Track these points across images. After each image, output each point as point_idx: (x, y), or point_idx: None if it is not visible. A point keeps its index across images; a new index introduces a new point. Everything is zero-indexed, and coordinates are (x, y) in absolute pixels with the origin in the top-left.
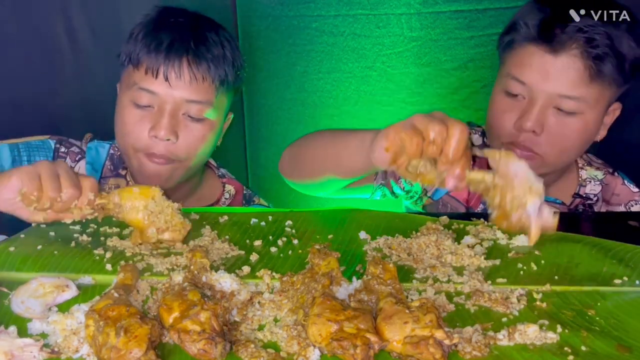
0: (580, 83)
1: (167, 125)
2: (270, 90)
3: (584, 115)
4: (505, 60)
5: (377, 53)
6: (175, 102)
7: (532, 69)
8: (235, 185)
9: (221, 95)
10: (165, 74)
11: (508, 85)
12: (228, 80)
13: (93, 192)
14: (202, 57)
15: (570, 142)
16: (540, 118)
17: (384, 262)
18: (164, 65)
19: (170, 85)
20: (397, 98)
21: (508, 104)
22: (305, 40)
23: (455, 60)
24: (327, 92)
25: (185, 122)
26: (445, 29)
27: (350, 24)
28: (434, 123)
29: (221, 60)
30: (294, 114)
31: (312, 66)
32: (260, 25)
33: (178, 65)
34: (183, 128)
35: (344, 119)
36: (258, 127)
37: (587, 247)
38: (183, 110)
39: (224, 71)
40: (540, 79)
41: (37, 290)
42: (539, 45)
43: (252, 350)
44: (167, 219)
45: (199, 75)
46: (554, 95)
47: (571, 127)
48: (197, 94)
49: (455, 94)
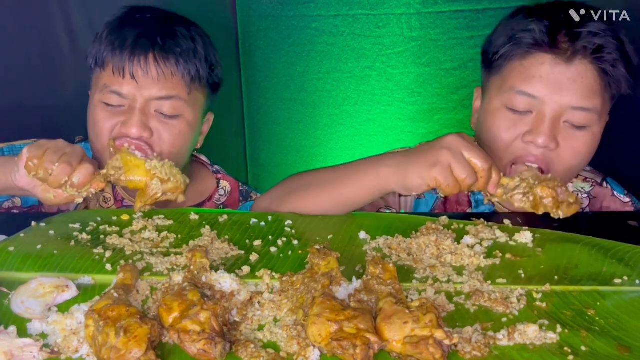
0: (593, 93)
1: (138, 122)
2: (270, 90)
3: (592, 129)
4: (506, 74)
5: (377, 53)
6: (145, 100)
7: (543, 80)
8: (230, 181)
9: (195, 91)
10: (131, 72)
11: (512, 101)
12: (200, 75)
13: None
14: (169, 52)
15: (581, 158)
16: (552, 132)
17: (384, 262)
18: (129, 63)
19: (138, 83)
20: (397, 98)
21: (512, 120)
22: (305, 40)
23: (455, 60)
24: (327, 92)
25: (158, 119)
26: (445, 29)
27: (350, 24)
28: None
29: (191, 54)
30: (294, 114)
31: (312, 66)
32: (260, 25)
33: (144, 61)
34: (156, 125)
35: (344, 118)
36: (258, 127)
37: (587, 247)
38: (155, 107)
39: (195, 66)
40: (551, 91)
41: (37, 291)
42: (549, 54)
43: (252, 350)
44: (167, 171)
45: (167, 71)
46: (566, 107)
47: (582, 142)
48: (167, 90)
49: (455, 94)
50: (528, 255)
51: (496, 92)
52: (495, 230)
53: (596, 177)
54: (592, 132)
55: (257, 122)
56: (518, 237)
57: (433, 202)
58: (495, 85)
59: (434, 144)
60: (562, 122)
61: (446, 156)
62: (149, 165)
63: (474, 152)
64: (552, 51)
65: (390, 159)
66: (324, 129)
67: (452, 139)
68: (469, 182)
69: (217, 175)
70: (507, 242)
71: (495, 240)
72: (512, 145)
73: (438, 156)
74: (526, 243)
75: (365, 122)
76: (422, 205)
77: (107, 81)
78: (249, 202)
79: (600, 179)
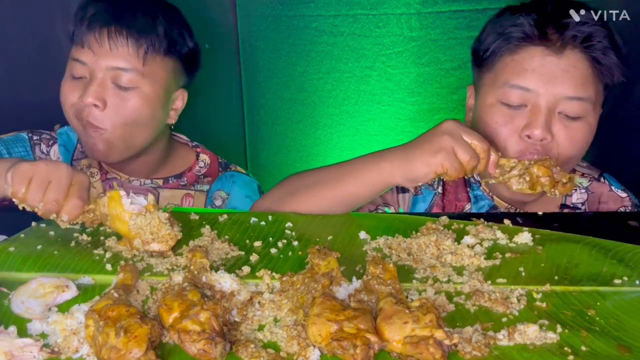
0: (586, 82)
1: (93, 92)
2: (270, 90)
3: (587, 119)
4: (498, 70)
5: (377, 53)
6: (102, 71)
7: (535, 72)
8: (209, 154)
9: (154, 64)
10: (88, 42)
11: (506, 95)
12: (155, 48)
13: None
14: (124, 25)
15: (577, 149)
16: (548, 124)
17: (384, 262)
18: (87, 34)
19: (94, 53)
20: (397, 98)
21: (508, 114)
22: (305, 40)
23: (455, 60)
24: (327, 92)
25: (114, 90)
26: (445, 29)
27: (350, 24)
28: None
29: (148, 27)
30: (294, 114)
31: (312, 66)
32: (260, 25)
33: (99, 32)
34: (111, 96)
35: (344, 119)
36: (258, 127)
37: (587, 247)
38: (112, 78)
39: (150, 40)
40: (544, 82)
41: (37, 291)
42: (539, 46)
43: (252, 350)
44: (154, 230)
45: (119, 42)
46: (561, 98)
47: (578, 132)
48: (120, 61)
49: (455, 94)
50: (528, 254)
51: (490, 88)
52: (495, 230)
53: (593, 173)
54: (588, 122)
55: (257, 122)
56: (518, 238)
57: (431, 198)
58: (489, 82)
59: (433, 131)
60: (557, 113)
61: (448, 141)
62: (132, 224)
63: (472, 134)
64: (542, 43)
65: (390, 154)
66: (324, 129)
67: (449, 124)
68: (473, 164)
69: (197, 149)
70: (507, 243)
71: (495, 240)
72: (510, 140)
73: (441, 142)
74: (526, 243)
75: (365, 122)
76: (420, 202)
77: (72, 52)
78: (229, 172)
79: (598, 174)
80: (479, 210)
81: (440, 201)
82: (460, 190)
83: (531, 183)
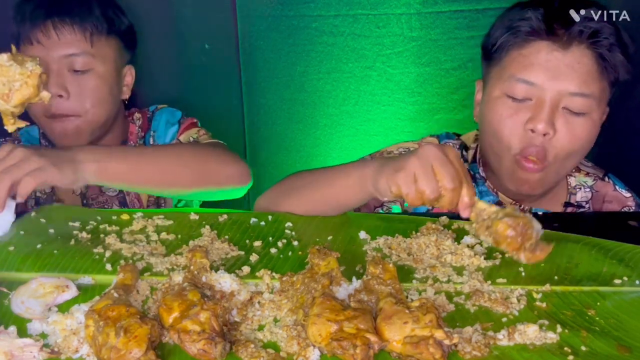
0: (591, 78)
1: (53, 83)
2: (270, 90)
3: (591, 116)
4: (505, 63)
5: (377, 53)
6: (55, 61)
7: (541, 67)
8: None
9: (100, 45)
10: (36, 38)
11: (512, 88)
12: (98, 28)
13: None
14: (64, 13)
15: (580, 144)
16: (551, 119)
17: (384, 262)
18: (32, 30)
19: (45, 46)
20: (397, 98)
21: (513, 107)
22: (305, 40)
23: (455, 60)
24: (327, 92)
25: (72, 77)
26: (445, 29)
27: (350, 24)
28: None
29: (86, 11)
30: (294, 114)
31: (312, 66)
32: (260, 25)
33: (43, 26)
34: (71, 83)
35: (344, 119)
36: (258, 127)
37: (587, 247)
38: (67, 66)
39: (92, 22)
40: (550, 77)
41: (37, 291)
42: (546, 41)
43: (252, 350)
44: (3, 80)
45: (65, 30)
46: (565, 94)
47: (580, 128)
48: (71, 48)
49: (455, 94)
50: None
51: (496, 81)
52: None
53: (598, 173)
54: (591, 119)
55: (257, 122)
56: None
57: None
58: (496, 75)
59: (414, 150)
60: (561, 108)
61: (414, 165)
62: None
63: (444, 168)
64: (549, 38)
65: (374, 161)
66: (324, 129)
67: (427, 149)
68: (430, 197)
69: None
70: None
71: None
72: (515, 134)
73: (406, 163)
74: None
75: (365, 122)
76: None
77: (23, 50)
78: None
79: (602, 174)
80: None
81: None
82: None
83: (495, 239)
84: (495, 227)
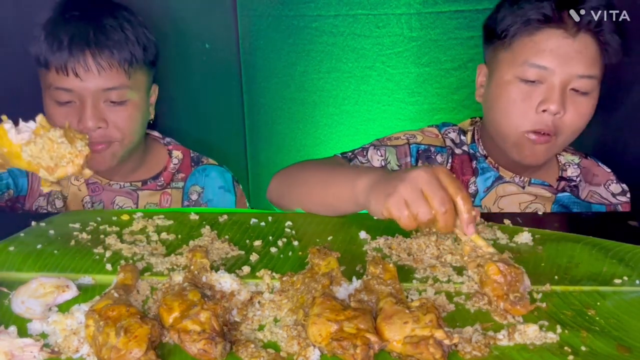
0: (594, 62)
1: (91, 116)
2: (270, 90)
3: (592, 94)
4: (516, 49)
5: (377, 53)
6: (92, 94)
7: (552, 53)
8: (182, 149)
9: (135, 75)
10: (74, 70)
11: (524, 72)
12: (137, 59)
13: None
14: (103, 46)
15: (584, 120)
16: (562, 99)
17: (384, 262)
18: (69, 62)
19: (82, 80)
20: (397, 98)
21: (526, 91)
22: (305, 40)
23: (455, 60)
24: (327, 92)
25: (109, 108)
26: (445, 29)
27: (350, 24)
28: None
29: (123, 43)
30: (294, 113)
31: (312, 66)
32: (260, 25)
33: (83, 59)
34: (109, 113)
35: (344, 118)
36: (258, 127)
37: (587, 247)
38: (103, 98)
39: (130, 53)
40: (561, 62)
41: (37, 291)
42: (556, 29)
43: (252, 350)
44: (52, 154)
45: (105, 64)
46: (574, 76)
47: (585, 106)
48: (110, 82)
49: (455, 94)
50: (528, 254)
51: (507, 66)
52: (495, 230)
53: (581, 153)
54: (593, 97)
55: (257, 122)
56: (518, 238)
57: None
58: (506, 60)
59: (403, 172)
60: (569, 89)
61: (404, 189)
62: (26, 156)
63: (434, 192)
64: (559, 26)
65: (369, 175)
66: (324, 129)
67: (416, 174)
68: (423, 219)
69: (169, 147)
70: (507, 243)
71: (495, 240)
72: (527, 114)
73: (396, 187)
74: (526, 243)
75: (365, 122)
76: None
77: (52, 80)
78: (201, 166)
79: (584, 154)
80: (485, 182)
81: None
82: (466, 165)
83: (481, 279)
84: (486, 268)
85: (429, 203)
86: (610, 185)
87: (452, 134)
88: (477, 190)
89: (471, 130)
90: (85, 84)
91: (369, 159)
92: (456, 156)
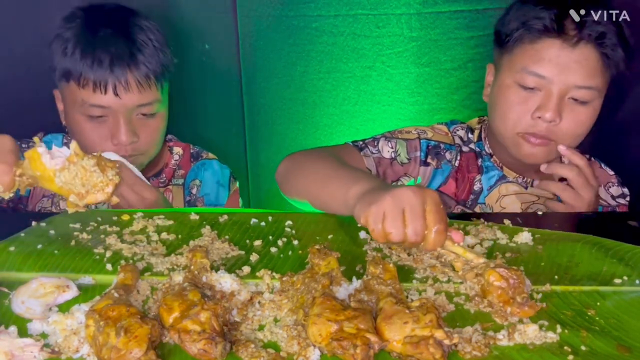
0: (595, 73)
1: (126, 131)
2: (270, 90)
3: (593, 104)
4: (517, 55)
5: (377, 53)
6: (127, 110)
7: (551, 62)
8: (182, 145)
9: (163, 86)
10: (114, 89)
11: (523, 79)
12: (168, 70)
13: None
14: (140, 64)
15: (583, 128)
16: (559, 108)
17: (384, 262)
18: (110, 81)
19: (120, 98)
20: (397, 98)
21: (523, 96)
22: (305, 40)
23: (455, 60)
24: (327, 92)
25: (140, 121)
26: (445, 29)
27: (350, 24)
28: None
29: (155, 57)
30: (294, 114)
31: (312, 66)
32: (260, 25)
33: (124, 79)
34: (140, 127)
35: (344, 118)
36: (258, 127)
37: (587, 247)
38: (136, 112)
39: (160, 66)
40: (558, 72)
41: (37, 291)
42: (556, 39)
43: (252, 350)
44: (84, 181)
45: (143, 81)
46: (571, 86)
47: (584, 115)
48: (146, 97)
49: (455, 94)
50: (528, 254)
51: (508, 70)
52: (495, 230)
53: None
54: (593, 106)
55: (257, 122)
56: (518, 237)
57: (448, 171)
58: (507, 64)
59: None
60: (567, 98)
61: (386, 203)
62: (59, 181)
63: (412, 218)
64: (560, 36)
65: (365, 183)
66: (324, 129)
67: (405, 192)
68: (394, 240)
69: (169, 143)
70: (507, 243)
71: (495, 240)
72: (522, 118)
73: (381, 199)
74: (526, 242)
75: (365, 122)
76: (439, 175)
77: (86, 97)
78: (200, 161)
79: (588, 156)
80: (489, 180)
81: (455, 174)
82: (472, 162)
83: (483, 288)
84: (486, 277)
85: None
86: (610, 187)
87: (460, 132)
88: (482, 188)
89: (478, 129)
90: (123, 101)
91: (380, 149)
92: (463, 154)
